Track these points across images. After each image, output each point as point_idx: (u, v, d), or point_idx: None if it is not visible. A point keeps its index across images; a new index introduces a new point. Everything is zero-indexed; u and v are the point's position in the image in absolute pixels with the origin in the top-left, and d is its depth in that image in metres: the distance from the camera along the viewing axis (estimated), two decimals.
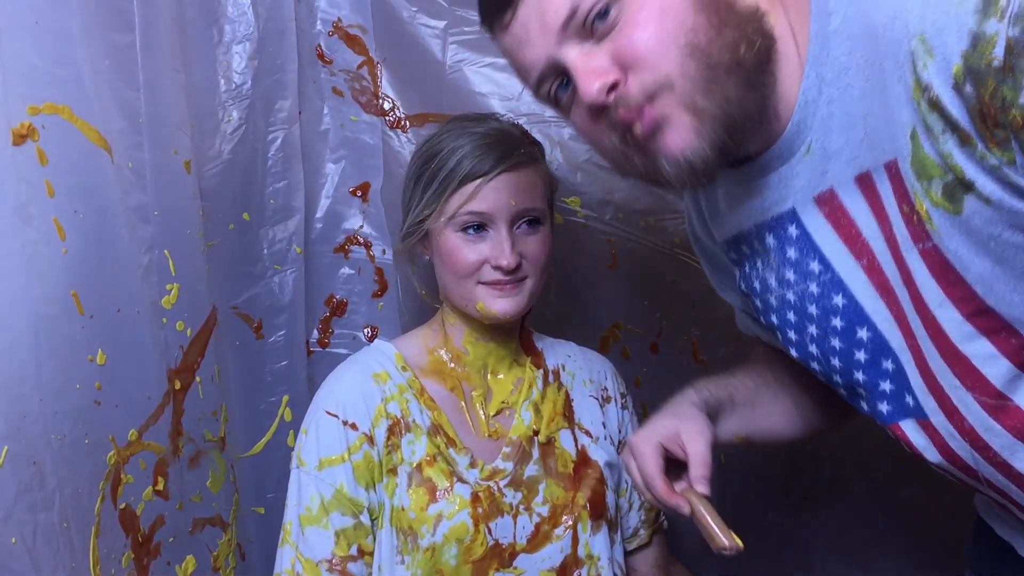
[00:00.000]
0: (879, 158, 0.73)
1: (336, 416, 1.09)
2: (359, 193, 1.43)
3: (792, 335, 0.89)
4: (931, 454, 0.83)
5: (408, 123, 1.40)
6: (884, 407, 0.84)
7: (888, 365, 0.82)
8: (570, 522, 1.12)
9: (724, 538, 0.80)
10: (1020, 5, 0.60)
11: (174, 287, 1.11)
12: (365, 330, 1.44)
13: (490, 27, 0.85)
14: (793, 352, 0.90)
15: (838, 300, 0.82)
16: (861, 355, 0.84)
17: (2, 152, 0.84)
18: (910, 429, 0.83)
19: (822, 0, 0.75)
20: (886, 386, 0.84)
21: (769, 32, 0.77)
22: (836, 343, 0.85)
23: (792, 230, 0.83)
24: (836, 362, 0.86)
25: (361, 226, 1.43)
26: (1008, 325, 0.72)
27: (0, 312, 0.84)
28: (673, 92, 0.74)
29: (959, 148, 0.66)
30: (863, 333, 0.82)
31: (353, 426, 1.08)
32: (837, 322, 0.83)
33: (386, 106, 1.41)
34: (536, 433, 1.15)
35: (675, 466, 0.91)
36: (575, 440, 1.17)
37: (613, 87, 0.75)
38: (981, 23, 0.62)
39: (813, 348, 0.87)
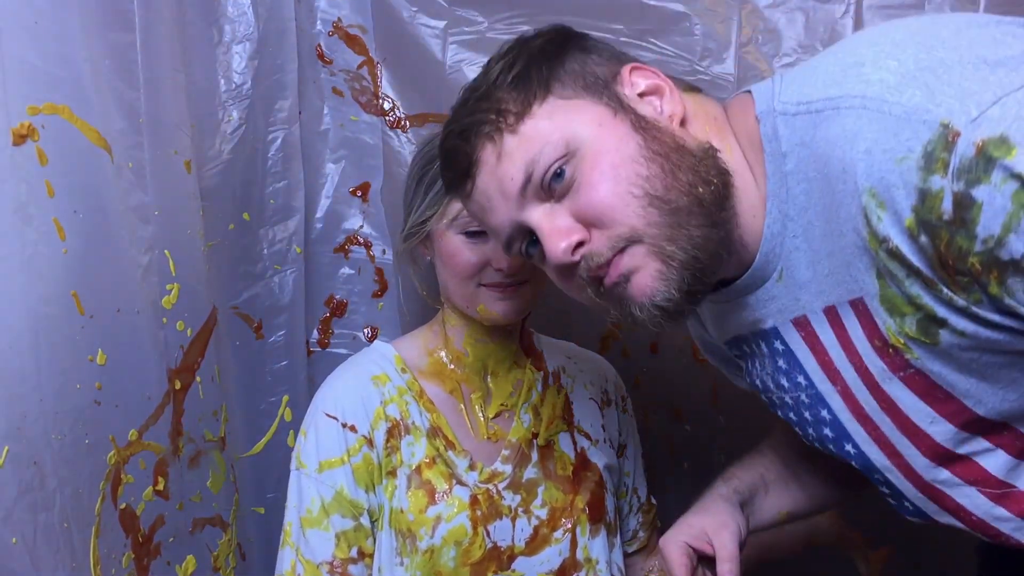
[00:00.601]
0: (843, 295, 0.74)
1: (335, 418, 1.08)
2: (359, 193, 1.43)
3: (799, 431, 0.91)
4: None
5: (408, 123, 1.40)
6: (892, 503, 0.87)
7: (878, 477, 0.85)
8: (569, 525, 1.12)
9: None
10: (961, 160, 0.61)
11: (174, 287, 1.11)
12: (365, 330, 1.44)
13: (455, 195, 0.86)
14: (806, 442, 0.92)
15: (825, 414, 0.84)
16: (855, 463, 0.86)
17: (2, 152, 0.84)
18: (919, 523, 0.86)
19: (774, 141, 0.75)
20: (884, 490, 0.86)
21: (724, 168, 0.77)
22: (832, 448, 0.87)
23: (778, 344, 0.85)
24: (840, 459, 0.89)
25: (361, 226, 1.43)
26: (1001, 424, 0.74)
27: (0, 312, 0.84)
28: (642, 243, 0.74)
29: (925, 291, 0.67)
30: (849, 448, 0.84)
31: (352, 428, 1.08)
32: (828, 432, 0.86)
33: (386, 106, 1.41)
34: (535, 436, 1.15)
35: (711, 560, 0.94)
36: (574, 443, 1.17)
37: (579, 245, 0.76)
38: (926, 179, 0.63)
39: (818, 446, 0.89)
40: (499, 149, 0.78)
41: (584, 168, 0.75)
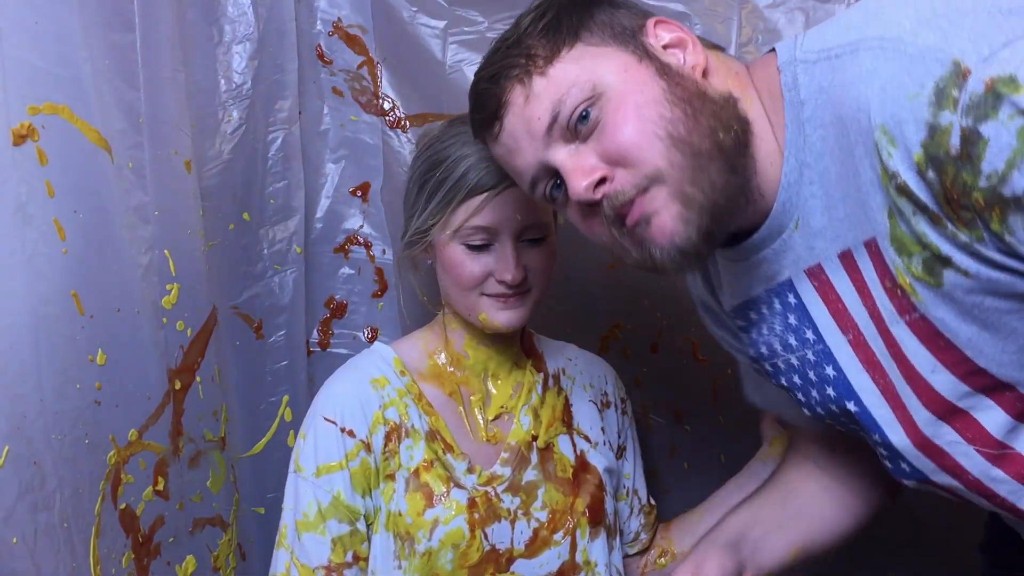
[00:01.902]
0: (859, 237, 0.76)
1: (334, 423, 1.08)
2: (359, 193, 1.43)
3: (801, 397, 0.92)
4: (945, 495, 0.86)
5: (408, 123, 1.40)
6: (889, 465, 0.88)
7: (877, 437, 0.85)
8: (570, 526, 1.12)
9: None
10: (971, 97, 0.64)
11: (174, 287, 1.11)
12: (365, 330, 1.44)
13: (483, 140, 0.90)
14: (806, 412, 0.93)
15: (830, 371, 0.86)
16: (855, 426, 0.87)
17: (2, 152, 0.84)
18: (914, 486, 0.87)
19: (794, 89, 0.78)
20: (883, 451, 0.87)
21: (744, 116, 0.80)
22: (835, 408, 0.88)
23: (791, 298, 0.86)
24: (839, 426, 0.90)
25: (361, 226, 1.43)
26: (1002, 383, 0.75)
27: (0, 312, 0.84)
28: (664, 184, 0.77)
29: (931, 228, 0.69)
30: (851, 405, 0.85)
31: (351, 433, 1.08)
32: (831, 391, 0.87)
33: (386, 106, 1.41)
34: (535, 438, 1.15)
35: None
36: (574, 445, 1.17)
37: (601, 182, 0.79)
38: (936, 115, 0.65)
39: (820, 410, 0.90)
40: (528, 91, 0.82)
41: (609, 109, 0.79)
